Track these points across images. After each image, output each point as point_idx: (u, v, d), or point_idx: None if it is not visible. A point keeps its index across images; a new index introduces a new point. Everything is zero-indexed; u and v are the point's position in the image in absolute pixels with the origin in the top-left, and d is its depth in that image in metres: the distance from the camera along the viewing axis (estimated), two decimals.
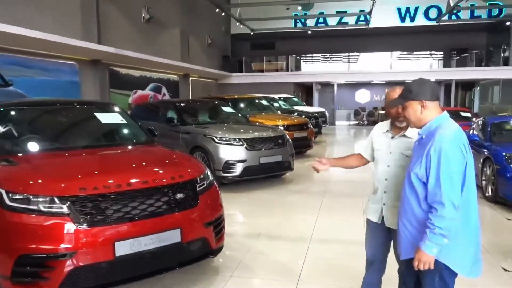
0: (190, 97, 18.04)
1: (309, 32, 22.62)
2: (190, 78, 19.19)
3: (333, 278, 3.79)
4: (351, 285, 3.62)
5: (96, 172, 3.34)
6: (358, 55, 26.99)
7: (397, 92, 2.55)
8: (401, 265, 2.64)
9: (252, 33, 21.48)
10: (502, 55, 22.34)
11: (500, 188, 5.98)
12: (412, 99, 2.24)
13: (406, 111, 2.29)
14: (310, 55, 27.93)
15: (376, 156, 2.82)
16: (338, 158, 3.12)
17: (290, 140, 8.10)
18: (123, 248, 3.00)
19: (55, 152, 3.91)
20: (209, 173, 3.92)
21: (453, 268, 2.18)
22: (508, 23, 20.66)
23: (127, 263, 3.04)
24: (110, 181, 3.12)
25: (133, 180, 3.21)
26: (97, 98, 11.94)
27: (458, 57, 25.18)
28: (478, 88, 24.12)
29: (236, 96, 12.85)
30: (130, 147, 4.49)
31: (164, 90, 16.67)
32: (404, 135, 2.64)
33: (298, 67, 26.72)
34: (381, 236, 2.82)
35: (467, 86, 25.44)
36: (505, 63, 21.65)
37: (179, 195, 3.38)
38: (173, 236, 3.24)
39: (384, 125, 2.81)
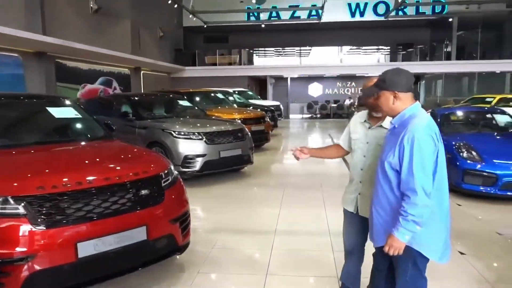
0: (143, 91, 17.55)
1: (263, 25, 22.65)
2: (142, 72, 18.66)
3: (301, 269, 3.81)
4: (319, 275, 3.66)
5: (54, 170, 3.13)
6: (310, 49, 27.44)
7: (374, 81, 2.57)
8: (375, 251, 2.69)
9: (205, 26, 21.20)
10: (444, 50, 23.53)
11: (451, 176, 6.25)
12: (386, 89, 2.25)
13: (379, 100, 2.32)
14: (263, 48, 28.06)
15: (353, 146, 2.84)
16: (318, 149, 3.14)
17: (249, 133, 8.07)
18: (86, 249, 2.84)
19: (8, 150, 3.63)
20: (173, 168, 3.81)
21: (426, 254, 2.24)
22: (450, 20, 21.75)
23: (91, 264, 2.88)
24: (70, 179, 2.94)
25: (94, 177, 3.04)
26: (43, 92, 11.31)
27: (404, 52, 26.25)
28: (423, 81, 25.30)
29: (191, 90, 12.63)
30: (88, 142, 4.25)
31: (115, 84, 16.10)
32: (381, 126, 2.67)
33: (250, 61, 26.75)
34: (358, 225, 2.84)
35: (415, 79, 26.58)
36: (448, 57, 22.81)
37: (143, 192, 3.24)
38: (138, 234, 3.11)
39: (362, 115, 2.83)
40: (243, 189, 7.06)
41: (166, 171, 3.57)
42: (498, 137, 6.93)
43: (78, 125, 4.61)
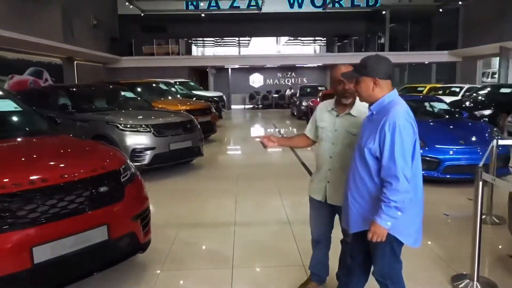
0: (77, 82, 16.55)
1: (202, 15, 22.23)
2: (76, 62, 17.58)
3: (267, 260, 3.78)
4: (285, 264, 3.65)
5: (1, 168, 2.81)
6: (250, 40, 27.47)
7: (341, 69, 2.58)
8: (346, 237, 2.71)
9: (142, 14, 20.40)
10: (378, 41, 24.58)
11: None
12: (366, 74, 2.24)
13: (359, 85, 2.29)
14: (202, 39, 27.65)
15: (320, 134, 2.81)
16: (286, 138, 3.14)
17: (199, 125, 7.90)
18: (42, 254, 2.60)
19: None
20: (130, 163, 3.60)
21: (401, 239, 2.29)
22: (384, 12, 22.72)
23: (49, 270, 2.65)
24: (21, 178, 2.66)
25: (48, 175, 2.78)
26: None
27: (340, 43, 27.10)
28: None
29: (133, 81, 12.12)
30: (33, 138, 3.87)
31: (46, 75, 15.03)
32: (349, 113, 2.67)
33: (189, 51, 26.20)
34: (326, 214, 2.86)
35: None
36: (381, 49, 23.85)
37: (103, 189, 3.03)
38: (99, 234, 2.91)
39: (328, 103, 2.82)
40: (196, 181, 6.91)
41: (124, 166, 3.37)
42: (437, 124, 7.34)
43: (20, 119, 4.20)
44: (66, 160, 3.19)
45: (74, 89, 8.18)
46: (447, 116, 7.88)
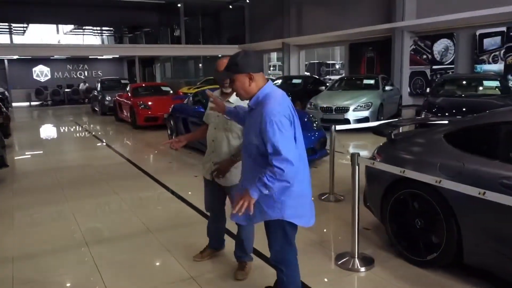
0: None
1: None
2: None
3: (146, 279, 3.24)
4: (171, 280, 3.21)
5: None
6: (26, 27, 23.93)
7: (224, 62, 2.72)
8: None
9: None
10: (174, 34, 24.73)
11: None
12: (239, 72, 2.25)
13: (234, 84, 2.29)
14: None
15: (207, 120, 3.15)
16: (191, 134, 3.35)
17: None
18: None
19: None
20: None
21: (296, 222, 2.36)
22: (179, 5, 22.88)
23: None
24: None
25: None
26: None
27: (131, 34, 26.24)
28: (159, 64, 25.98)
29: None
30: None
31: None
32: (228, 101, 2.97)
33: None
34: (215, 191, 3.17)
35: (146, 62, 26.97)
36: (178, 41, 24.10)
37: None
38: None
39: (217, 92, 3.12)
40: (9, 198, 5.51)
41: None
42: None
43: None
44: None
45: None
46: None
